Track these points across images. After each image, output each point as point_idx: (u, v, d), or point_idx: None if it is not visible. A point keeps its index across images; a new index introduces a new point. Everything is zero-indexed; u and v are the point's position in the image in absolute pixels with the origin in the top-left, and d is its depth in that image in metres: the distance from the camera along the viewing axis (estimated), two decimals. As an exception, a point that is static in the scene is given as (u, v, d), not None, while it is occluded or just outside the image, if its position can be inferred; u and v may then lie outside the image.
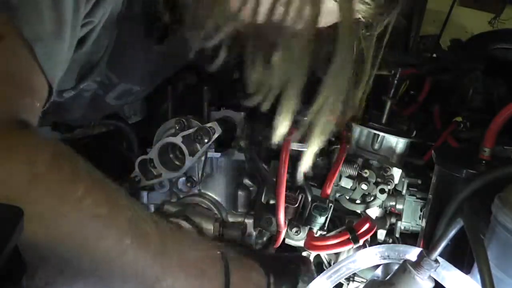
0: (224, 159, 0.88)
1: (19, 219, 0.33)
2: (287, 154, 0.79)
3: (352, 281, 0.89)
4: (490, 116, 0.70)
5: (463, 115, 1.08)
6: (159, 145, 0.83)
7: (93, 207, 0.48)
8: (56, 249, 0.46)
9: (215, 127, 0.83)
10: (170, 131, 0.86)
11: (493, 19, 2.43)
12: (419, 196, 0.92)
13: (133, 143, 0.95)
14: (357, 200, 0.88)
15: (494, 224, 0.53)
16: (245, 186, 0.90)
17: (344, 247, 0.80)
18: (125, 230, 0.50)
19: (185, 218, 0.80)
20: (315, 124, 0.64)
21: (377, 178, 0.86)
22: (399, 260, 0.60)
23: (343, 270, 0.64)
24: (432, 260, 0.53)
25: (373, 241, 0.89)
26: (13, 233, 0.32)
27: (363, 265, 0.64)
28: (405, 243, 0.91)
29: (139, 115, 0.94)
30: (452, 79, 1.21)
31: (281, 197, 0.79)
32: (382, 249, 0.62)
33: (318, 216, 0.81)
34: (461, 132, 1.05)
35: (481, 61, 1.11)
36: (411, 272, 0.54)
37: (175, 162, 0.86)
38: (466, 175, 0.69)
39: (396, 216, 0.93)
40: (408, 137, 0.91)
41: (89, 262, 0.48)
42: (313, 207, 0.82)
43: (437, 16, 1.48)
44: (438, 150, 0.79)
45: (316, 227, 0.82)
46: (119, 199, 0.52)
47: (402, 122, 0.93)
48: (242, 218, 0.88)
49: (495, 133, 0.69)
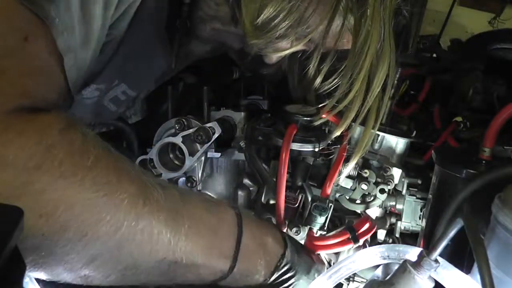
0: (224, 159, 0.88)
1: (19, 219, 0.33)
2: (287, 154, 0.79)
3: (352, 281, 0.89)
4: (490, 116, 0.70)
5: (463, 115, 1.08)
6: (159, 145, 0.83)
7: (103, 175, 0.50)
8: (75, 215, 0.48)
9: (215, 127, 0.83)
10: (170, 131, 0.86)
11: (493, 19, 2.43)
12: (419, 196, 0.92)
13: (133, 143, 0.95)
14: (357, 200, 0.88)
15: (494, 224, 0.53)
16: (245, 186, 0.90)
17: (344, 247, 0.80)
18: (136, 196, 0.52)
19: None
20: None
21: (377, 178, 0.86)
22: (399, 260, 0.60)
23: (343, 270, 0.64)
24: (432, 260, 0.53)
25: (373, 241, 0.89)
26: (13, 233, 0.32)
27: (363, 265, 0.64)
28: (405, 243, 0.91)
29: (139, 115, 0.94)
30: (452, 79, 1.21)
31: (281, 197, 0.79)
32: (382, 249, 0.62)
33: (318, 216, 0.81)
34: (461, 132, 1.05)
35: (481, 61, 1.11)
36: (411, 272, 0.54)
37: (175, 162, 0.86)
38: (466, 175, 0.69)
39: (396, 216, 0.93)
40: (408, 137, 0.91)
41: (107, 228, 0.50)
42: (313, 207, 0.82)
43: (437, 16, 1.48)
44: (438, 150, 0.79)
45: (316, 227, 0.82)
46: (127, 167, 0.54)
47: (402, 122, 0.93)
48: (242, 218, 0.88)
49: (495, 133, 0.69)
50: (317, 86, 0.79)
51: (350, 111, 0.75)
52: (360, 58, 0.71)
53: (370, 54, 0.71)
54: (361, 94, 0.74)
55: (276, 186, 0.79)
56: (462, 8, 2.42)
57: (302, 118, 0.83)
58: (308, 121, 0.83)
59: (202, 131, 0.81)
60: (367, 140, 0.79)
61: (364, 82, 0.73)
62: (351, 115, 0.76)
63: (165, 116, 0.89)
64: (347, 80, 0.73)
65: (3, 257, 0.30)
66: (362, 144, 0.79)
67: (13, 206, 0.34)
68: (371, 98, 0.75)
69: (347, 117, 0.76)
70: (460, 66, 1.17)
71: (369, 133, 0.79)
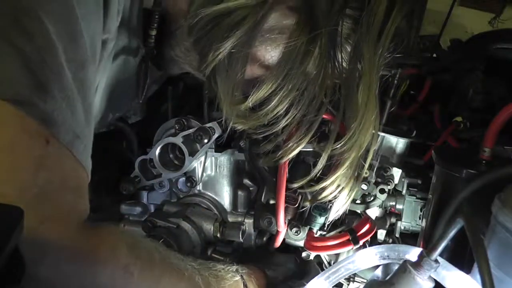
0: (224, 159, 0.88)
1: (19, 219, 0.33)
2: (287, 154, 0.79)
3: (352, 281, 0.89)
4: (490, 116, 0.69)
5: (463, 115, 1.08)
6: (159, 145, 0.83)
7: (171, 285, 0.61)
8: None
9: (215, 127, 0.83)
10: (170, 131, 0.86)
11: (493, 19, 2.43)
12: (419, 196, 0.92)
13: (133, 143, 0.95)
14: (357, 200, 0.88)
15: (494, 224, 0.53)
16: (245, 186, 0.90)
17: (344, 248, 0.80)
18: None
19: (185, 218, 0.80)
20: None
21: (377, 178, 0.86)
22: (399, 260, 0.60)
23: (342, 270, 0.64)
24: (432, 260, 0.53)
25: (373, 241, 0.89)
26: (13, 233, 0.32)
27: (362, 265, 0.64)
28: (405, 243, 0.91)
29: (139, 115, 0.94)
30: (452, 79, 1.21)
31: (281, 197, 0.79)
32: (382, 249, 0.62)
33: (318, 216, 0.81)
34: (461, 132, 1.05)
35: (481, 61, 1.11)
36: (411, 272, 0.54)
37: (175, 162, 0.86)
38: (466, 175, 0.68)
39: (396, 216, 0.93)
40: (408, 137, 0.91)
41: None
42: (313, 207, 0.82)
43: (437, 16, 1.48)
44: (438, 150, 0.79)
45: (316, 227, 0.82)
46: (177, 263, 0.64)
47: (402, 122, 0.93)
48: (242, 218, 0.88)
49: (495, 133, 0.69)
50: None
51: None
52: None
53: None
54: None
55: (276, 186, 0.79)
56: (462, 8, 2.42)
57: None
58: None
59: (202, 131, 0.81)
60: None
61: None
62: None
63: (165, 116, 0.89)
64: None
65: (3, 257, 0.30)
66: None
67: (13, 206, 0.34)
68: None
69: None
70: (460, 66, 1.17)
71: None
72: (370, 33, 0.65)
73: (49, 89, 0.50)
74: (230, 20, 0.65)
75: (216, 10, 0.65)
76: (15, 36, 0.48)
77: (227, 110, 0.73)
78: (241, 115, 0.73)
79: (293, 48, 0.66)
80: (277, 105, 0.69)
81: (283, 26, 0.67)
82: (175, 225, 0.79)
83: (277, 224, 0.81)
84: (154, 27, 0.73)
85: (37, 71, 0.49)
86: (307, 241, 0.82)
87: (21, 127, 0.48)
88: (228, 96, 0.71)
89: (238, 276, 0.74)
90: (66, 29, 0.53)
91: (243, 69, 0.69)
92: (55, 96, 0.51)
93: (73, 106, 0.54)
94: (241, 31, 0.65)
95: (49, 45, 0.51)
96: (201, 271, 0.67)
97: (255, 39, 0.67)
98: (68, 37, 0.53)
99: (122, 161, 0.96)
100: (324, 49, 0.66)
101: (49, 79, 0.50)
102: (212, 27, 0.67)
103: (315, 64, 0.67)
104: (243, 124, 0.74)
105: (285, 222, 0.81)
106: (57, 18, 0.52)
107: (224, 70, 0.69)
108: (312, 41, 0.66)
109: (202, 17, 0.67)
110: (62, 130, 0.52)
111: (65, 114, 0.52)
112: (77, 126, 0.54)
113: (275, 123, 0.72)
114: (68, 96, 0.53)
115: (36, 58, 0.49)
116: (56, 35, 0.51)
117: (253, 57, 0.69)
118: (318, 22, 0.65)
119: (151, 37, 0.74)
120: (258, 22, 0.66)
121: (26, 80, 0.48)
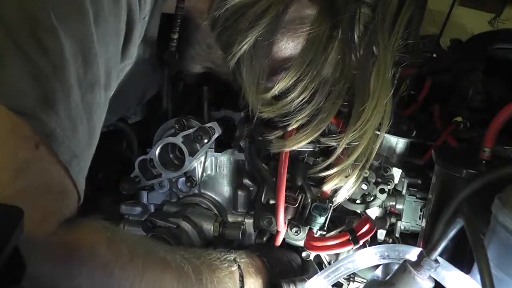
0: (224, 159, 0.88)
1: (19, 219, 0.33)
2: (287, 154, 0.79)
3: (352, 281, 0.89)
4: (490, 116, 0.69)
5: (463, 115, 1.08)
6: (159, 145, 0.83)
7: (155, 279, 0.59)
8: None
9: (215, 127, 0.83)
10: (170, 131, 0.86)
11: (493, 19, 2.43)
12: (419, 196, 0.91)
13: (133, 143, 0.95)
14: (357, 200, 0.88)
15: (494, 224, 0.53)
16: (245, 186, 0.90)
17: (344, 248, 0.80)
18: (177, 282, 0.62)
19: (185, 218, 0.80)
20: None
21: (377, 178, 0.86)
22: (399, 260, 0.60)
23: (342, 269, 0.64)
24: (432, 260, 0.53)
25: (373, 241, 0.89)
26: (13, 233, 0.32)
27: (362, 265, 0.64)
28: (405, 243, 0.91)
29: (139, 115, 0.94)
30: (452, 79, 1.21)
31: (281, 197, 0.79)
32: (382, 249, 0.62)
33: (318, 216, 0.81)
34: (461, 132, 1.05)
35: (481, 61, 1.11)
36: (411, 272, 0.54)
37: (175, 162, 0.86)
38: (466, 175, 0.69)
39: (396, 216, 0.92)
40: (408, 137, 0.91)
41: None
42: (313, 207, 0.82)
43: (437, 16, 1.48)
44: (438, 150, 0.79)
45: (316, 227, 0.82)
46: (161, 254, 0.63)
47: (402, 122, 0.93)
48: (242, 218, 0.88)
49: (495, 133, 0.69)
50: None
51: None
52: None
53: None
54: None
55: (276, 186, 0.79)
56: (462, 8, 2.42)
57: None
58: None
59: (202, 131, 0.81)
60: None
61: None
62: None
63: (165, 116, 0.89)
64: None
65: (3, 257, 0.30)
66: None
67: (13, 206, 0.34)
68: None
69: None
70: (460, 66, 1.17)
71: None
72: (386, 19, 0.69)
73: (54, 105, 0.50)
74: (254, 10, 0.68)
75: (240, 1, 0.68)
76: (31, 47, 0.48)
77: (252, 100, 0.75)
78: (267, 104, 0.75)
79: (316, 35, 0.69)
80: (302, 92, 0.72)
81: (304, 16, 0.70)
82: (175, 225, 0.79)
83: (277, 224, 0.81)
84: (176, 30, 0.75)
85: (46, 85, 0.49)
86: (307, 241, 0.82)
87: (11, 128, 0.48)
88: (254, 86, 0.73)
89: (235, 266, 0.73)
90: (82, 50, 0.53)
91: (268, 58, 0.71)
92: (59, 113, 0.50)
93: (76, 126, 0.53)
94: (265, 20, 0.68)
95: (62, 62, 0.51)
96: (192, 260, 0.66)
97: (278, 29, 0.70)
98: (82, 58, 0.53)
99: (122, 161, 0.96)
100: (344, 35, 0.69)
101: (57, 95, 0.50)
102: (236, 18, 0.70)
103: (337, 50, 0.71)
104: (270, 112, 0.76)
105: (285, 222, 0.81)
106: (74, 38, 0.52)
107: (249, 60, 0.71)
108: (334, 28, 0.69)
109: (227, 9, 0.69)
110: (61, 148, 0.51)
111: (67, 132, 0.52)
112: (77, 146, 0.54)
113: (301, 109, 0.74)
114: (73, 116, 0.52)
115: (47, 72, 0.49)
116: (70, 54, 0.51)
117: (277, 47, 0.72)
118: (338, 10, 0.68)
119: (173, 40, 0.76)
120: (281, 12, 0.69)
121: (33, 91, 0.48)
